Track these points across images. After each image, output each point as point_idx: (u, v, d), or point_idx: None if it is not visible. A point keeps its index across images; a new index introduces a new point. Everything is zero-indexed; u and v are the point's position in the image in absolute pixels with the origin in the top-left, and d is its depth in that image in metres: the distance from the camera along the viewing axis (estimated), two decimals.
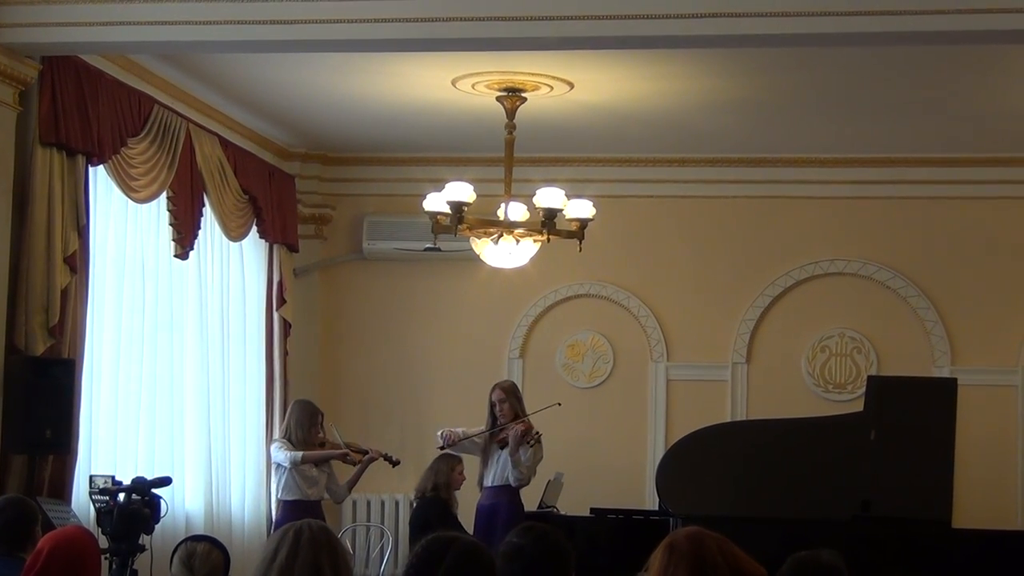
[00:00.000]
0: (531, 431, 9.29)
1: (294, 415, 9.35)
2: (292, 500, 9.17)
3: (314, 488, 9.26)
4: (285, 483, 9.22)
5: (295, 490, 9.19)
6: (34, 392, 7.32)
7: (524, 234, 8.93)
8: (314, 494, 9.26)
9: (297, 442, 9.20)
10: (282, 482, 9.23)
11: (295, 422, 9.30)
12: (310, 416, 9.33)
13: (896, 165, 11.00)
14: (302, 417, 9.31)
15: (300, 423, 9.28)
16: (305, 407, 9.40)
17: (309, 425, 9.28)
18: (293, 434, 9.26)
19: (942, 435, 9.11)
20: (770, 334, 11.20)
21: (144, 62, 8.77)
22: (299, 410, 9.37)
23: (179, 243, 9.09)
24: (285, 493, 9.24)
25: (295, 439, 9.22)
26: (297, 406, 9.44)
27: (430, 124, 10.26)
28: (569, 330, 11.44)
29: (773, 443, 9.42)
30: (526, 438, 9.22)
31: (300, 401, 9.56)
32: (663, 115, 9.84)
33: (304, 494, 9.18)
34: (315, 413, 9.37)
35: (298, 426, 9.28)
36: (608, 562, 9.05)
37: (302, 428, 9.27)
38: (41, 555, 4.99)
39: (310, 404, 9.48)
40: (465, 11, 7.10)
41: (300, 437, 9.23)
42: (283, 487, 9.24)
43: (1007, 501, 10.74)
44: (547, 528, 3.93)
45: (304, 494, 9.18)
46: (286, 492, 9.23)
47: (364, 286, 11.64)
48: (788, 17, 6.84)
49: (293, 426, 9.29)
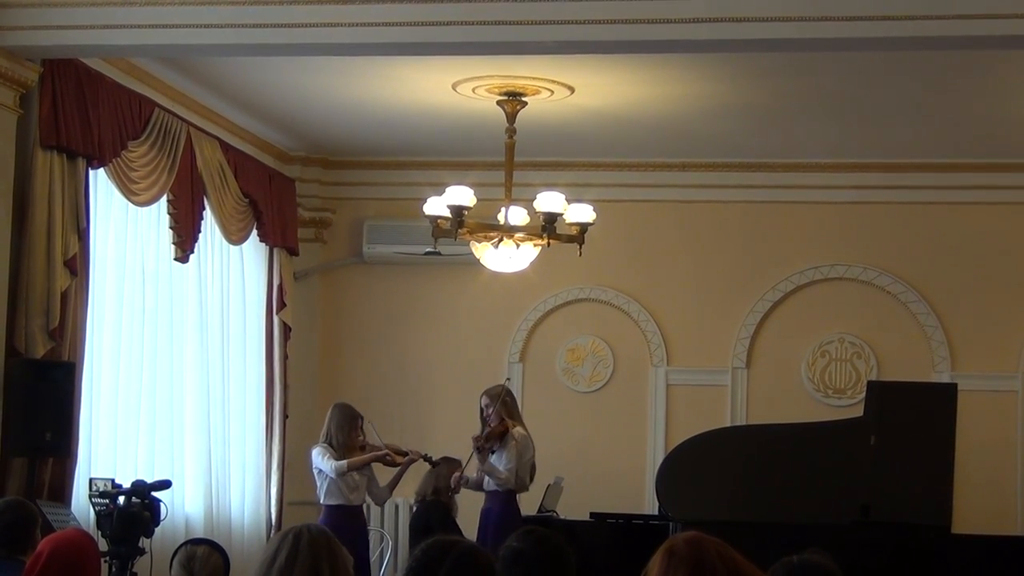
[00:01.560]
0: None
1: (334, 419, 9.22)
2: (335, 505, 9.09)
3: (356, 493, 9.17)
4: (328, 488, 9.12)
5: (338, 495, 9.09)
6: (34, 395, 7.31)
7: (524, 238, 8.93)
8: (356, 499, 9.19)
9: (338, 446, 9.10)
10: (324, 487, 9.15)
11: (336, 426, 9.18)
12: (350, 420, 9.23)
13: (897, 170, 11.00)
14: (342, 421, 9.21)
15: (341, 427, 9.18)
16: (344, 410, 9.30)
17: (349, 429, 9.19)
18: (334, 438, 9.15)
19: (942, 440, 9.10)
20: (770, 339, 11.20)
21: (145, 65, 8.77)
22: (339, 414, 9.27)
23: (179, 246, 9.10)
24: (328, 498, 9.12)
25: (336, 443, 9.13)
26: (336, 410, 9.32)
27: (431, 128, 10.26)
28: (569, 334, 11.44)
29: (773, 448, 9.41)
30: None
31: (339, 404, 9.43)
32: (664, 119, 9.84)
33: (347, 499, 9.10)
34: (355, 416, 9.26)
35: (339, 430, 9.17)
36: (607, 567, 9.04)
37: (343, 432, 9.16)
38: (41, 558, 4.99)
39: (349, 407, 9.35)
40: (466, 15, 7.10)
41: (341, 441, 9.14)
42: (326, 492, 9.14)
43: (1007, 506, 10.73)
44: (548, 532, 3.92)
45: (347, 499, 9.10)
46: (329, 497, 9.11)
47: (364, 290, 11.64)
48: (789, 22, 6.84)
49: (334, 430, 9.18)
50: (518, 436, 9.24)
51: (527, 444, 9.29)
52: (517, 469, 9.22)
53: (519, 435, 9.25)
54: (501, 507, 9.21)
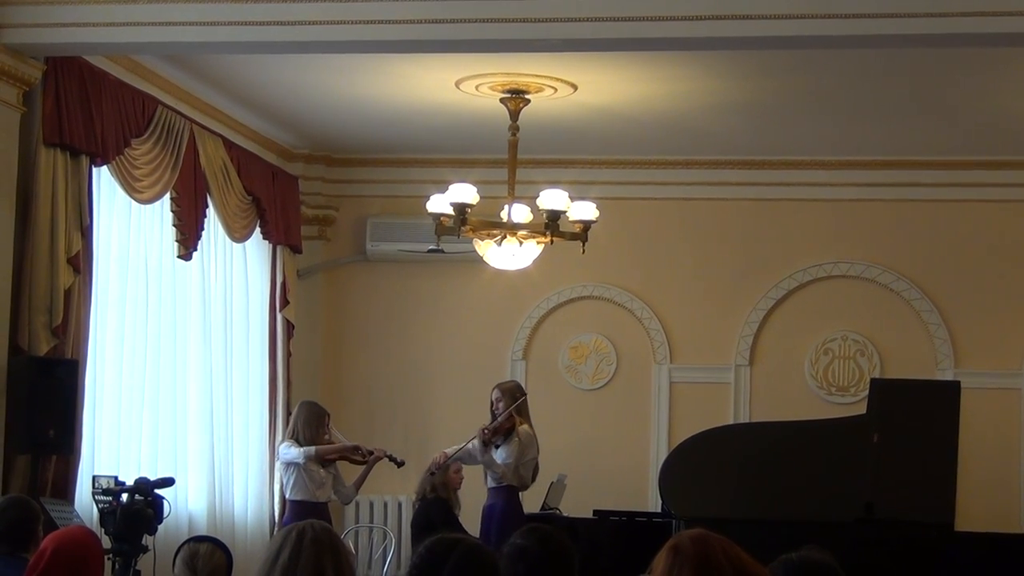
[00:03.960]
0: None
1: (301, 415, 9.29)
2: (300, 500, 9.13)
3: (322, 489, 9.22)
4: (295, 482, 9.16)
5: (304, 490, 9.14)
6: (37, 392, 7.32)
7: (527, 236, 8.92)
8: (322, 495, 9.22)
9: (305, 442, 9.15)
10: (291, 481, 9.19)
11: (303, 422, 9.24)
12: (317, 416, 9.28)
13: (900, 168, 10.99)
14: (309, 417, 9.26)
15: (308, 423, 9.22)
16: (312, 407, 9.36)
17: (317, 425, 9.24)
18: (301, 434, 9.20)
19: (945, 438, 9.10)
20: (773, 336, 11.20)
21: (148, 63, 8.77)
22: (306, 410, 9.33)
23: (182, 244, 9.10)
24: (294, 493, 9.19)
25: (303, 439, 9.17)
26: (304, 407, 9.40)
27: (434, 126, 10.26)
28: (572, 332, 11.44)
29: (776, 446, 9.41)
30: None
31: (306, 402, 9.53)
32: (667, 117, 9.84)
33: (312, 495, 9.14)
34: (322, 414, 9.32)
35: (306, 426, 9.21)
36: (610, 564, 9.04)
37: (310, 427, 9.21)
38: (44, 555, 4.99)
39: (316, 405, 9.44)
40: (469, 13, 7.11)
41: (308, 437, 9.18)
42: (292, 486, 9.19)
43: (1010, 504, 10.73)
44: (552, 530, 3.92)
45: (312, 495, 9.14)
46: (295, 492, 9.17)
47: (367, 288, 11.64)
48: (792, 20, 6.85)
49: (301, 426, 9.23)
50: (522, 434, 9.24)
51: (531, 443, 9.28)
52: (518, 466, 9.21)
53: (524, 433, 9.25)
54: (504, 504, 9.20)
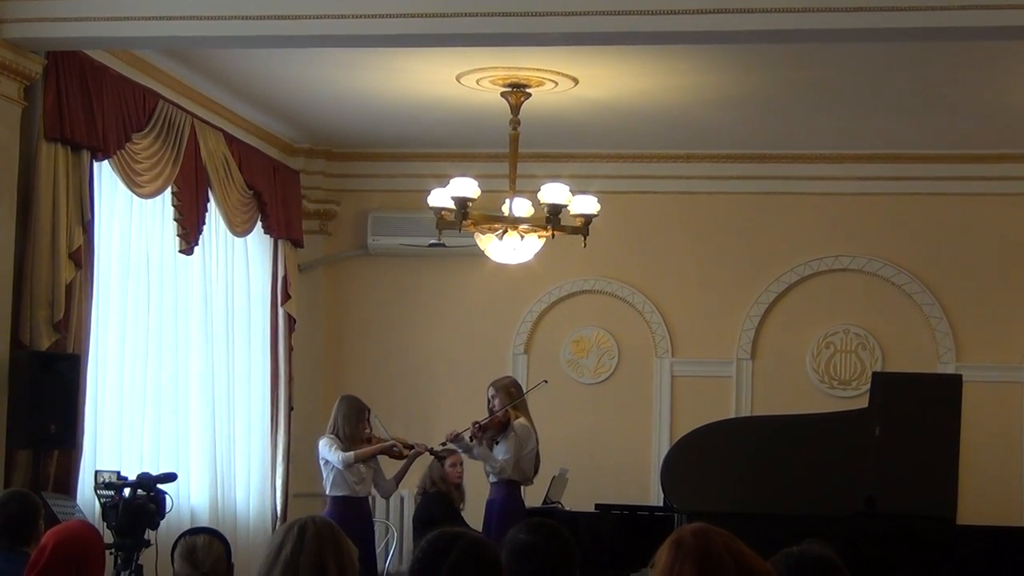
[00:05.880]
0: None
1: (341, 410, 9.23)
2: (341, 496, 9.11)
3: (362, 484, 9.18)
4: (334, 479, 9.14)
5: (343, 486, 9.10)
6: (39, 387, 7.32)
7: (529, 230, 8.92)
8: (362, 490, 9.20)
9: (344, 437, 9.10)
10: (330, 478, 9.16)
11: (342, 417, 9.19)
12: (357, 412, 9.23)
13: (902, 161, 10.98)
14: (349, 412, 9.21)
15: (348, 418, 9.19)
16: (352, 402, 9.30)
17: (356, 421, 9.20)
18: (340, 429, 9.16)
19: (947, 432, 9.09)
20: (775, 330, 11.19)
21: (149, 57, 8.77)
22: (346, 405, 9.27)
23: (184, 238, 9.10)
24: (334, 489, 9.13)
25: (343, 434, 9.13)
26: (344, 402, 9.32)
27: (435, 120, 10.25)
28: (574, 326, 11.44)
29: (777, 439, 9.41)
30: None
31: (347, 397, 9.43)
32: (668, 111, 9.83)
33: (352, 491, 9.12)
34: (362, 409, 9.27)
35: (345, 421, 9.17)
36: (612, 558, 9.05)
37: (349, 423, 9.17)
38: (46, 550, 4.99)
39: (356, 400, 9.36)
40: (470, 7, 7.10)
41: (347, 432, 9.14)
42: (331, 483, 9.15)
43: (1011, 498, 10.72)
44: (558, 526, 3.89)
45: (352, 491, 9.12)
46: (335, 488, 9.13)
47: (368, 282, 11.64)
48: (794, 13, 6.83)
49: (340, 421, 9.18)
50: (518, 428, 9.23)
51: (528, 436, 9.27)
52: (518, 461, 9.22)
53: (520, 427, 9.24)
54: (505, 498, 9.22)
